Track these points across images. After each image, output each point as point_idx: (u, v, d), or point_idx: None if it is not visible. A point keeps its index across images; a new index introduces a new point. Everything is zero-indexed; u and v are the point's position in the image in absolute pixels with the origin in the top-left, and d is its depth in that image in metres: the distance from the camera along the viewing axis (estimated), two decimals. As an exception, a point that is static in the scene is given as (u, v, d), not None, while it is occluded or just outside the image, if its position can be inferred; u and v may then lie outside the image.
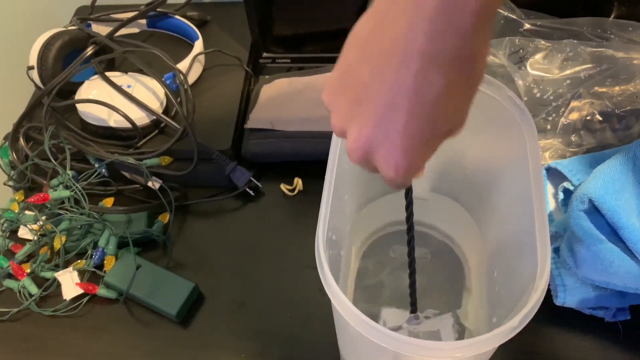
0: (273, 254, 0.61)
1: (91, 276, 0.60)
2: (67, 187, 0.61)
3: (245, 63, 0.72)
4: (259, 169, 0.66)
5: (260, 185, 0.65)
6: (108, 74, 0.66)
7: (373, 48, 0.29)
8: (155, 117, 0.64)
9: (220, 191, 0.66)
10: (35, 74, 0.66)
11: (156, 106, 0.64)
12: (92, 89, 0.65)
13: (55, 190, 0.60)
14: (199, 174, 0.63)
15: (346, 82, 0.32)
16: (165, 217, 0.64)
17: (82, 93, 0.65)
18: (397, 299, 0.53)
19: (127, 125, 0.63)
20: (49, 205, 0.61)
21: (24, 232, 0.64)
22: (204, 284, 0.58)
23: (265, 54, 0.74)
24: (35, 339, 0.57)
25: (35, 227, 0.62)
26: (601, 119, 0.58)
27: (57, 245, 0.60)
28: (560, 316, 0.52)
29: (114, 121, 0.63)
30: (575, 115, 0.58)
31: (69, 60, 0.66)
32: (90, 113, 0.64)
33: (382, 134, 0.30)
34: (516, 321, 0.35)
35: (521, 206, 0.42)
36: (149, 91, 0.65)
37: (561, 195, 0.54)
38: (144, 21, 0.77)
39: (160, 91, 0.65)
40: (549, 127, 0.58)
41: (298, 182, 0.65)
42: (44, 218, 0.61)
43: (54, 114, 0.66)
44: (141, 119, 0.64)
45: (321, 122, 0.64)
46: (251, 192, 0.65)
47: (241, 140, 0.66)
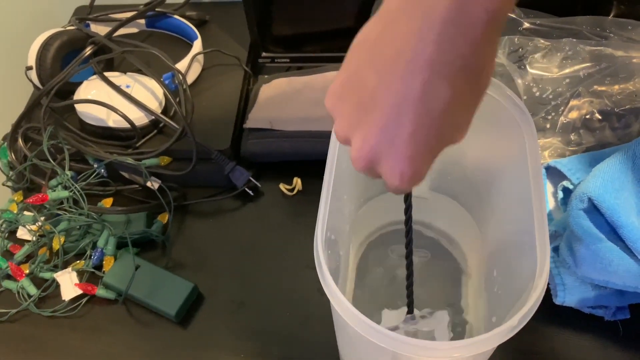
0: (272, 253, 0.61)
1: (90, 277, 0.60)
2: (65, 188, 0.61)
3: (244, 63, 0.72)
4: (258, 169, 0.66)
5: (260, 185, 0.65)
6: (107, 74, 0.66)
7: (380, 54, 0.29)
8: (154, 117, 0.64)
9: (219, 191, 0.66)
10: (33, 74, 0.66)
11: (155, 106, 0.64)
12: (91, 89, 0.65)
13: (54, 191, 0.60)
14: (198, 174, 0.63)
15: (351, 88, 0.31)
16: (164, 217, 0.64)
17: (81, 93, 0.65)
18: (396, 299, 0.53)
19: (126, 125, 0.63)
20: (47, 205, 0.60)
21: (22, 233, 0.64)
22: (203, 284, 0.58)
23: (264, 54, 0.74)
24: (34, 339, 0.57)
25: (34, 227, 0.62)
26: (600, 117, 0.58)
27: (56, 245, 0.60)
28: (560, 315, 0.52)
29: (113, 121, 0.63)
30: (574, 114, 0.58)
31: (67, 60, 0.66)
32: (89, 113, 0.64)
33: (388, 142, 0.30)
34: (515, 320, 0.35)
35: (520, 205, 0.42)
36: (148, 91, 0.65)
37: (560, 194, 0.54)
38: (142, 21, 0.77)
39: (159, 91, 0.65)
40: (548, 126, 0.58)
41: (297, 182, 0.65)
42: (42, 219, 0.61)
43: (53, 114, 0.66)
44: (140, 119, 0.64)
45: (320, 121, 0.64)
46: (250, 192, 0.65)
47: (240, 140, 0.66)
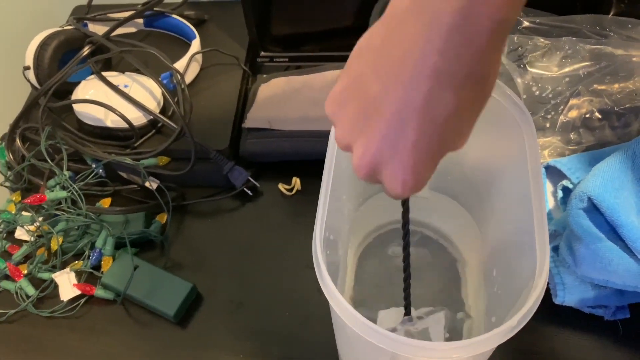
0: (271, 253, 0.61)
1: (88, 277, 0.60)
2: (64, 188, 0.60)
3: (242, 62, 0.72)
4: (257, 169, 0.66)
5: (258, 185, 0.65)
6: (105, 73, 0.66)
7: (384, 61, 0.28)
8: (152, 117, 0.64)
9: (218, 191, 0.66)
10: (31, 74, 0.66)
11: (153, 106, 0.64)
12: (89, 89, 0.65)
13: (52, 191, 0.60)
14: (196, 174, 0.63)
15: (352, 94, 0.30)
16: (163, 218, 0.64)
17: (79, 93, 0.65)
18: (395, 299, 0.53)
19: (124, 125, 0.63)
20: (45, 206, 0.60)
21: (20, 233, 0.64)
22: (202, 284, 0.58)
23: (262, 53, 0.74)
24: (33, 340, 0.57)
25: (32, 228, 0.62)
26: (600, 116, 0.57)
27: (54, 246, 0.60)
28: (560, 315, 0.52)
29: (111, 121, 0.63)
30: (574, 113, 0.58)
31: (65, 60, 0.66)
32: (87, 113, 0.64)
33: (390, 150, 0.29)
34: (515, 320, 0.34)
35: (520, 205, 0.42)
36: (146, 91, 0.65)
37: (560, 194, 0.54)
38: (140, 20, 0.77)
39: (157, 91, 0.65)
40: (548, 125, 0.58)
41: (296, 182, 0.65)
42: (40, 219, 0.61)
43: (51, 115, 0.66)
44: (138, 118, 0.63)
45: (319, 121, 0.64)
46: (249, 192, 0.64)
47: (239, 139, 0.66)
